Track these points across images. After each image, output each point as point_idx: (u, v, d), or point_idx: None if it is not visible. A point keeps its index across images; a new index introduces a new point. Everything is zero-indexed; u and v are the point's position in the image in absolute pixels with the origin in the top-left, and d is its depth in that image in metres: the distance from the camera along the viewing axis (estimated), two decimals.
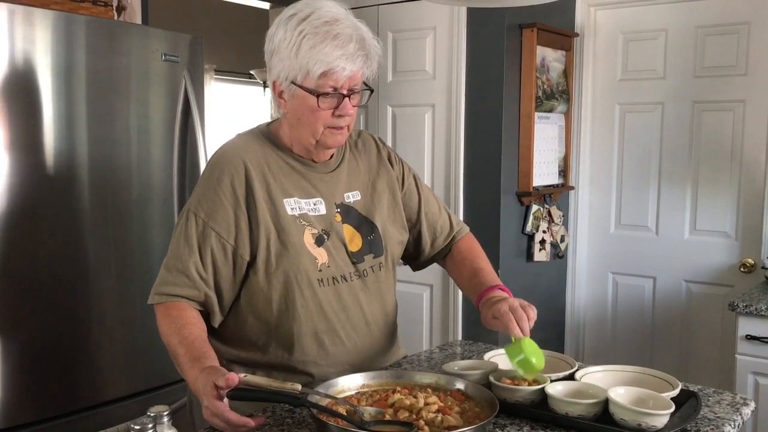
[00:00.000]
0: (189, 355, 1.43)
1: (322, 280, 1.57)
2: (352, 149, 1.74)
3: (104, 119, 2.34)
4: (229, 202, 1.52)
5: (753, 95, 3.19)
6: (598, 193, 3.66)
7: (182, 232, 1.53)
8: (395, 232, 1.74)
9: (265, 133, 1.65)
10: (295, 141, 1.60)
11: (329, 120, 1.52)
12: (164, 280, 1.52)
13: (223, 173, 1.54)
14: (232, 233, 1.52)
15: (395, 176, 1.78)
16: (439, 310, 3.46)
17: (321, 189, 1.63)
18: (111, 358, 2.41)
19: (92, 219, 2.33)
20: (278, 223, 1.54)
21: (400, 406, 1.36)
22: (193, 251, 1.51)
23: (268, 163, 1.58)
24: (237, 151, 1.58)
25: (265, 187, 1.55)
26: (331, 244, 1.59)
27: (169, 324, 1.49)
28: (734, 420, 1.44)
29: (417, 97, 3.44)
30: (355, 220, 1.66)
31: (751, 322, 2.68)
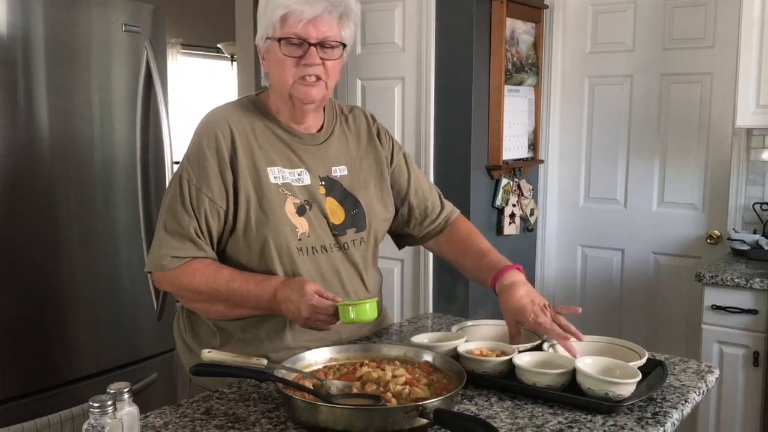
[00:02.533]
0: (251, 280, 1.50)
1: (302, 249, 1.57)
2: (343, 124, 1.73)
3: (65, 92, 2.28)
4: (217, 166, 1.53)
5: (720, 68, 3.20)
6: (567, 167, 3.67)
7: (177, 197, 1.53)
8: (380, 210, 1.72)
9: (253, 101, 1.65)
10: (280, 105, 1.60)
11: (296, 70, 1.51)
12: (171, 245, 1.52)
13: (210, 137, 1.54)
14: (223, 198, 1.53)
15: (384, 154, 1.76)
16: (410, 284, 3.45)
17: (306, 160, 1.62)
18: (80, 335, 2.38)
19: (55, 194, 2.28)
20: (260, 190, 1.54)
21: (368, 379, 1.35)
22: (192, 216, 1.52)
23: (254, 131, 1.58)
24: (223, 116, 1.59)
25: (250, 153, 1.55)
26: (312, 214, 1.59)
27: (201, 277, 1.51)
28: (699, 387, 1.45)
29: (386, 69, 3.40)
30: (340, 194, 1.65)
31: (717, 292, 2.72)
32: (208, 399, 1.37)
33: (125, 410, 1.13)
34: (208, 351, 1.33)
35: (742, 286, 2.65)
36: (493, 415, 1.30)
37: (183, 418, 1.28)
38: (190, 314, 1.66)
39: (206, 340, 1.61)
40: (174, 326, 1.74)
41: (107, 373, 2.44)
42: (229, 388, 1.43)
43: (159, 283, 1.58)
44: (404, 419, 1.18)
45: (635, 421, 1.28)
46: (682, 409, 1.35)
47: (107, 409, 1.06)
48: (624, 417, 1.30)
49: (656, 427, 1.26)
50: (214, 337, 1.61)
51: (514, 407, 1.34)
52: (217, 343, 1.59)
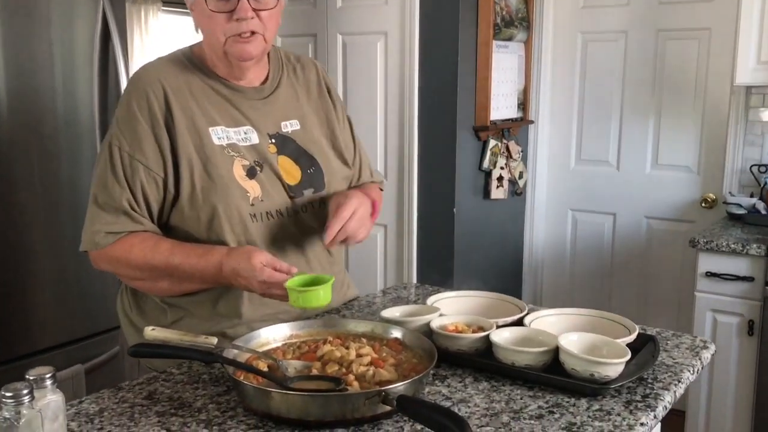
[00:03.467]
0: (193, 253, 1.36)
1: (255, 215, 1.43)
2: (290, 75, 1.59)
3: (21, 43, 2.13)
4: (150, 129, 1.39)
5: (719, 23, 3.04)
6: (558, 127, 3.52)
7: (107, 166, 1.39)
8: (339, 167, 1.59)
9: (187, 55, 1.49)
10: (214, 58, 1.45)
11: (228, 26, 1.37)
12: (104, 220, 1.38)
13: (140, 97, 1.40)
14: (160, 164, 1.39)
15: (336, 114, 1.63)
16: (393, 251, 3.32)
17: (252, 117, 1.48)
18: (43, 305, 2.26)
19: (14, 155, 2.13)
20: (203, 154, 1.40)
21: (330, 359, 1.22)
22: (124, 187, 1.38)
23: (190, 88, 1.44)
24: (155, 73, 1.44)
25: (188, 113, 1.41)
26: (264, 176, 1.45)
27: (139, 253, 1.38)
28: (693, 365, 1.33)
29: (368, 24, 3.22)
30: (293, 151, 1.51)
31: (712, 258, 2.60)
32: (153, 381, 1.24)
33: (47, 399, 1.00)
34: (151, 329, 1.20)
35: (738, 252, 2.53)
36: (466, 399, 1.18)
37: (122, 404, 1.15)
38: (135, 291, 1.53)
39: (155, 317, 1.48)
40: (117, 302, 1.59)
41: (73, 344, 2.32)
42: (178, 368, 1.30)
43: (96, 262, 1.44)
44: (365, 405, 1.05)
45: (623, 405, 1.16)
46: (675, 391, 1.23)
47: (23, 398, 0.93)
48: (611, 400, 1.17)
49: (646, 412, 1.14)
50: (164, 314, 1.47)
51: (490, 389, 1.22)
52: (167, 321, 1.46)
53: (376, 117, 3.26)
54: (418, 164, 3.17)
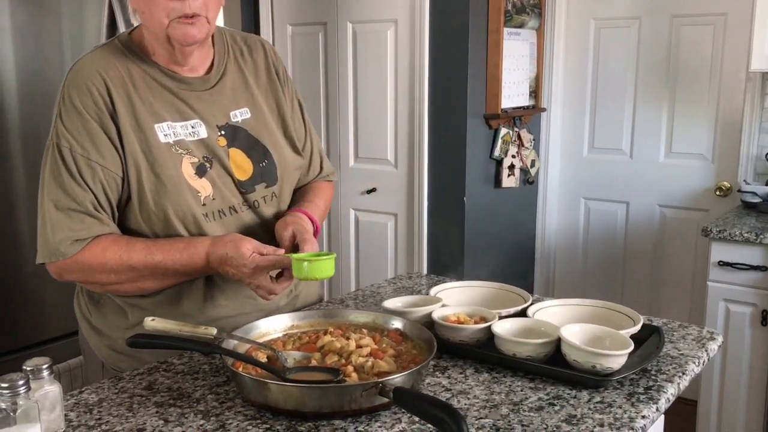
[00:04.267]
0: (173, 248, 1.32)
1: (208, 215, 1.38)
2: (237, 58, 1.50)
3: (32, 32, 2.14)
4: (101, 127, 1.31)
5: (735, 7, 2.98)
6: (570, 115, 3.48)
7: (62, 170, 1.30)
8: (292, 157, 1.52)
9: (125, 43, 1.40)
10: (156, 46, 1.37)
11: (169, 7, 1.27)
12: (68, 227, 1.29)
13: (83, 93, 1.31)
14: (117, 163, 1.32)
15: (287, 98, 1.55)
16: (404, 240, 3.31)
17: (199, 109, 1.40)
18: (50, 295, 2.26)
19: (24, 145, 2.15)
20: (149, 154, 1.33)
21: (330, 350, 1.22)
22: (86, 189, 1.30)
23: (132, 81, 1.35)
24: (92, 65, 1.34)
25: (131, 110, 1.33)
26: (214, 173, 1.39)
27: (114, 255, 1.30)
28: (699, 357, 1.31)
29: (378, 12, 3.19)
30: (244, 142, 1.44)
31: (725, 247, 2.56)
32: (154, 371, 1.25)
33: (44, 389, 1.01)
34: (151, 319, 1.20)
35: (752, 242, 2.49)
36: (466, 390, 1.17)
37: (121, 394, 1.16)
38: (92, 293, 1.46)
39: (116, 320, 1.43)
40: (75, 306, 1.53)
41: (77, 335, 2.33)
42: (179, 358, 1.30)
43: (61, 273, 1.34)
44: (362, 397, 1.05)
45: (625, 398, 1.14)
46: (679, 383, 1.21)
47: (19, 389, 0.94)
48: (613, 392, 1.16)
49: (648, 404, 1.12)
50: (125, 316, 1.42)
51: (491, 381, 1.21)
52: (128, 323, 1.41)
53: (386, 105, 3.24)
54: (428, 153, 3.15)
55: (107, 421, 1.07)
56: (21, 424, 0.94)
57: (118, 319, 1.43)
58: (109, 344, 1.45)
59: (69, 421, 1.07)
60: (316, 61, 3.42)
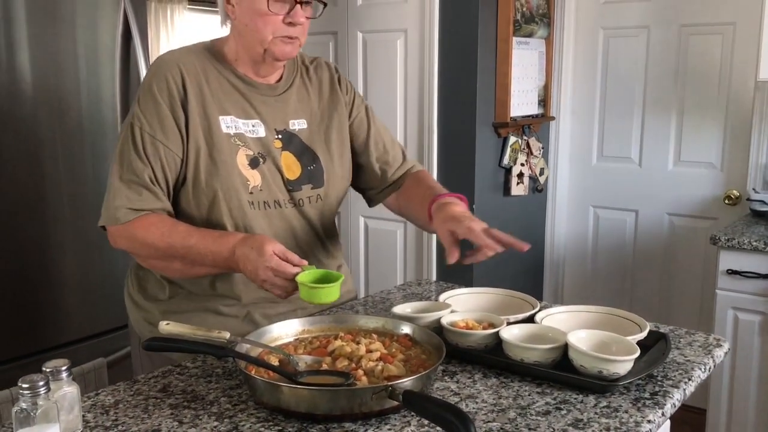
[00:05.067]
0: (209, 236, 1.40)
1: (253, 203, 1.49)
2: (304, 75, 1.65)
3: (48, 43, 2.18)
4: (170, 111, 1.44)
5: (744, 17, 3.00)
6: (579, 124, 3.50)
7: (130, 145, 1.44)
8: (339, 168, 1.64)
9: (208, 47, 1.56)
10: (242, 54, 1.51)
11: (279, 27, 1.45)
12: (126, 196, 1.42)
13: (160, 81, 1.45)
14: (179, 144, 1.45)
15: (345, 102, 1.67)
16: (413, 247, 3.34)
17: (262, 111, 1.54)
18: (68, 299, 2.31)
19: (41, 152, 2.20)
20: (210, 140, 1.46)
21: (340, 354, 1.24)
22: (146, 164, 1.43)
23: (206, 77, 1.50)
24: (174, 59, 1.49)
25: (201, 100, 1.47)
26: (266, 167, 1.51)
27: (157, 231, 1.41)
28: (705, 363, 1.33)
29: (388, 21, 3.23)
30: (297, 148, 1.57)
31: (733, 256, 2.57)
32: (168, 374, 1.27)
33: (63, 390, 1.04)
34: (165, 323, 1.23)
35: (761, 250, 2.50)
36: (474, 394, 1.19)
37: (136, 396, 1.19)
38: (139, 271, 1.59)
39: (153, 293, 1.56)
40: (125, 287, 1.65)
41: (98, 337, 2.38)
42: (192, 362, 1.33)
43: (114, 239, 1.47)
44: (372, 400, 1.07)
45: (631, 402, 1.16)
46: (685, 389, 1.23)
47: (39, 390, 0.97)
48: (619, 397, 1.18)
49: (654, 409, 1.14)
50: (162, 289, 1.55)
51: (498, 385, 1.23)
52: (165, 295, 1.54)
53: (395, 114, 3.27)
54: (437, 161, 3.18)
55: (123, 422, 1.09)
56: (41, 424, 0.96)
57: (156, 292, 1.55)
58: (146, 317, 1.56)
59: (86, 421, 1.09)
60: None
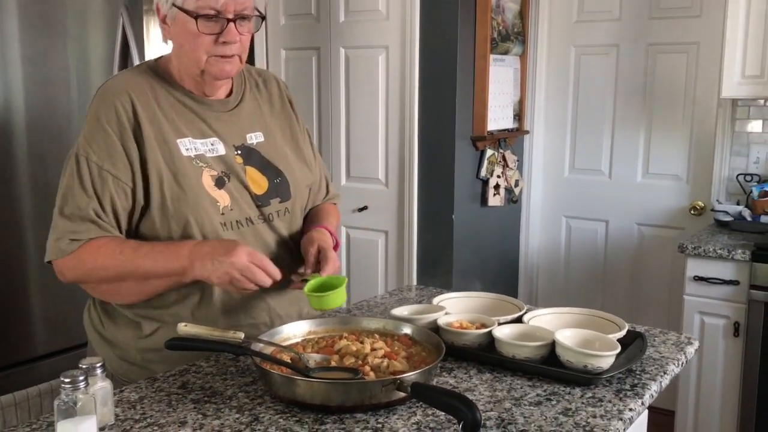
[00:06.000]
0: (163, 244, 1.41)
1: (225, 224, 1.48)
2: (253, 89, 1.63)
3: (39, 60, 2.22)
4: (119, 140, 1.41)
5: (707, 37, 3.18)
6: (552, 137, 3.65)
7: (75, 178, 1.40)
8: (302, 176, 1.64)
9: (153, 67, 1.52)
10: (184, 73, 1.49)
11: (212, 47, 1.41)
12: (69, 229, 1.39)
13: (109, 110, 1.42)
14: (129, 175, 1.42)
15: (300, 126, 1.69)
16: (394, 256, 3.44)
17: (217, 128, 1.52)
18: (45, 312, 2.32)
19: (30, 167, 2.23)
20: (173, 165, 1.43)
21: (347, 352, 1.34)
22: (92, 197, 1.40)
23: (157, 100, 1.47)
24: (122, 85, 1.46)
25: (156, 125, 1.44)
26: (232, 186, 1.50)
27: (107, 251, 1.39)
28: (678, 359, 1.46)
29: (370, 38, 3.34)
30: (258, 162, 1.56)
31: (699, 263, 2.72)
32: (185, 373, 1.36)
33: (98, 385, 1.12)
34: (184, 325, 1.31)
35: (724, 257, 2.66)
36: (471, 388, 1.30)
37: (159, 393, 1.27)
38: (105, 305, 1.55)
39: (130, 332, 1.51)
40: (85, 320, 1.61)
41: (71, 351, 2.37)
42: (206, 361, 1.42)
43: (61, 272, 1.44)
44: (382, 392, 1.17)
45: (614, 393, 1.28)
46: (661, 381, 1.35)
47: (79, 384, 1.05)
48: (603, 389, 1.30)
49: (634, 399, 1.26)
50: (139, 327, 1.50)
51: (493, 380, 1.34)
52: (143, 333, 1.50)
53: (377, 127, 3.38)
54: (418, 172, 3.29)
55: (151, 416, 1.18)
56: (80, 416, 1.05)
57: (131, 331, 1.51)
58: (121, 355, 1.52)
59: (116, 415, 1.18)
60: (309, 84, 3.56)
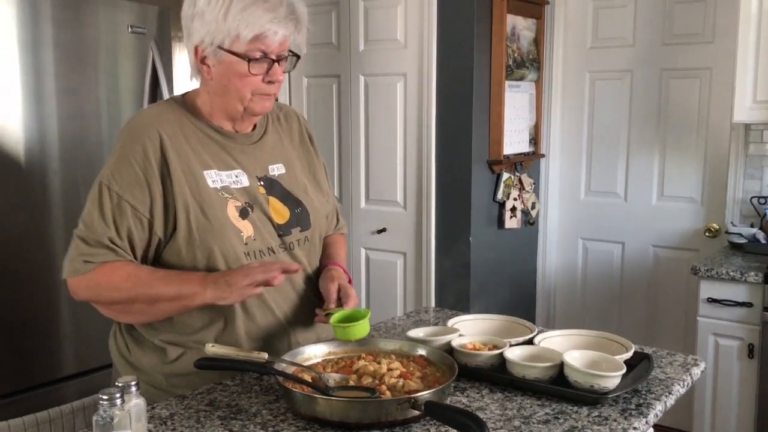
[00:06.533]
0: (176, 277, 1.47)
1: (248, 254, 1.53)
2: (275, 122, 1.71)
3: (73, 93, 2.34)
4: (143, 173, 1.46)
5: (719, 63, 3.23)
6: (568, 161, 3.72)
7: (96, 205, 1.46)
8: (321, 206, 1.71)
9: (180, 102, 1.59)
10: (218, 110, 1.56)
11: (259, 86, 1.50)
12: (84, 252, 1.46)
13: (135, 143, 1.48)
14: (147, 206, 1.47)
15: (316, 159, 1.77)
16: (412, 277, 3.51)
17: (241, 161, 1.58)
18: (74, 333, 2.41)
19: (63, 196, 2.33)
20: (199, 196, 1.49)
21: (364, 372, 1.41)
22: (109, 226, 1.45)
23: (185, 134, 1.53)
24: (150, 120, 1.52)
25: (184, 158, 1.50)
26: (256, 216, 1.55)
27: (122, 273, 1.46)
28: (683, 380, 1.51)
29: (389, 66, 3.45)
30: (280, 193, 1.62)
31: (712, 285, 2.76)
32: (212, 391, 1.44)
33: (133, 402, 1.20)
34: (211, 345, 1.39)
35: (737, 280, 2.69)
36: (483, 407, 1.36)
37: (188, 410, 1.35)
38: (131, 331, 1.59)
39: (157, 357, 1.56)
40: (110, 346, 1.65)
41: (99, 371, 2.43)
42: (232, 380, 1.49)
43: (75, 290, 1.50)
44: (397, 410, 1.24)
45: (619, 412, 1.34)
46: (666, 401, 1.41)
47: (116, 400, 1.13)
48: (609, 408, 1.35)
49: (639, 418, 1.31)
50: (164, 353, 1.55)
51: (504, 399, 1.40)
52: (168, 359, 1.54)
53: (395, 152, 3.47)
54: (435, 196, 3.37)
55: (181, 431, 1.26)
56: (116, 431, 1.13)
57: (157, 356, 1.56)
58: (146, 380, 1.56)
59: (149, 430, 1.26)
60: (330, 110, 3.67)
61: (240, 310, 1.55)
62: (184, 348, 1.54)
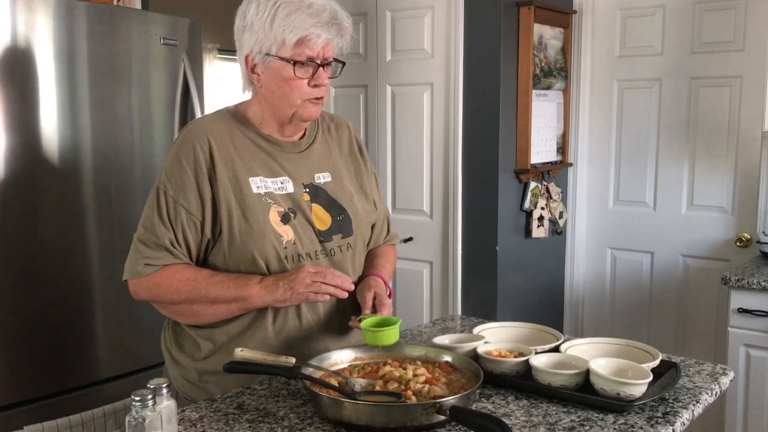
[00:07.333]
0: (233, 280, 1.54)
1: (287, 257, 1.58)
2: (325, 132, 1.75)
3: (106, 104, 2.39)
4: (194, 178, 1.54)
5: (749, 71, 3.20)
6: (596, 170, 3.70)
7: (154, 209, 1.56)
8: (365, 215, 1.74)
9: (232, 112, 1.66)
10: (268, 117, 1.62)
11: (306, 90, 1.56)
12: (146, 255, 1.54)
13: (188, 150, 1.56)
14: (199, 209, 1.55)
15: (367, 170, 1.81)
16: (438, 286, 3.52)
17: (288, 168, 1.64)
18: (109, 337, 2.45)
19: (96, 203, 2.38)
20: (242, 202, 1.55)
21: (390, 378, 1.43)
22: (168, 228, 1.54)
23: (233, 142, 1.59)
24: (202, 128, 1.60)
25: (230, 165, 1.57)
26: (297, 222, 1.60)
27: (182, 276, 1.54)
28: (712, 389, 1.50)
29: (416, 75, 3.47)
30: (324, 200, 1.67)
31: (744, 295, 2.73)
32: (241, 395, 1.46)
33: (164, 404, 1.23)
34: (240, 350, 1.42)
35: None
36: (508, 413, 1.37)
37: (217, 413, 1.38)
38: (176, 327, 1.67)
39: (191, 352, 1.63)
40: (161, 340, 1.74)
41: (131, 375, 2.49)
42: (260, 384, 1.52)
43: (135, 291, 1.59)
44: (422, 415, 1.25)
45: (645, 420, 1.33)
46: (693, 410, 1.40)
47: (148, 402, 1.16)
48: (635, 416, 1.35)
49: (665, 426, 1.31)
50: (198, 349, 1.62)
51: (529, 406, 1.41)
52: (201, 355, 1.61)
53: (422, 161, 3.49)
54: (462, 205, 3.38)
55: None
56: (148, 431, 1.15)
57: (193, 351, 1.63)
58: (183, 374, 1.65)
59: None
60: (357, 119, 3.70)
61: (271, 311, 1.59)
62: (215, 345, 1.60)
